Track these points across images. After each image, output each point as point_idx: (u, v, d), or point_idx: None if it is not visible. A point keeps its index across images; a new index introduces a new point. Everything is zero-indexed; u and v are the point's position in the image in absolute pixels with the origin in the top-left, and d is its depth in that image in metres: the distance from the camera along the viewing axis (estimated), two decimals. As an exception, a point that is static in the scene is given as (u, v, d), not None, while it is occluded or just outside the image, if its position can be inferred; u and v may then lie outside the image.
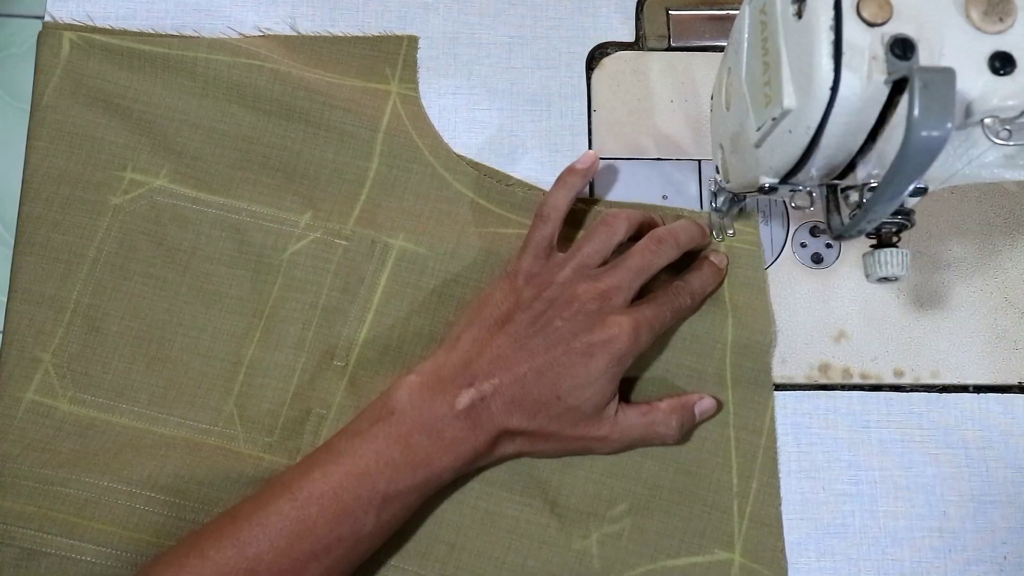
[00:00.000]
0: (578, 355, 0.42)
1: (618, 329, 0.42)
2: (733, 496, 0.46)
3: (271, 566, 0.38)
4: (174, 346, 0.48)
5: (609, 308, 0.43)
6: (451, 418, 0.41)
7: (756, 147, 0.37)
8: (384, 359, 0.48)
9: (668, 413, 0.45)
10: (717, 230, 0.50)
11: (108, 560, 0.43)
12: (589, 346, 0.42)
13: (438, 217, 0.50)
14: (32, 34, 0.51)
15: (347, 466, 0.40)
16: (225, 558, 0.38)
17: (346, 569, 0.41)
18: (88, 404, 0.47)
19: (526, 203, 0.51)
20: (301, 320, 0.48)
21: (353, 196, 0.50)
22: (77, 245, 0.48)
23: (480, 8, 0.54)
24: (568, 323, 0.42)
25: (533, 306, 0.43)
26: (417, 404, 0.41)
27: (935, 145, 0.29)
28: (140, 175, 0.49)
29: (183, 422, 0.47)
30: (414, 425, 0.41)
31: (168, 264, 0.48)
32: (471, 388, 0.41)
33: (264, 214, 0.49)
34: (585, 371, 0.42)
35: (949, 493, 0.47)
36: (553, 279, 0.44)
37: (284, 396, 0.47)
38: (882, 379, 0.49)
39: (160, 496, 0.44)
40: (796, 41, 0.33)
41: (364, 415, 0.42)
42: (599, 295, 0.43)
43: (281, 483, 0.40)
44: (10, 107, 0.54)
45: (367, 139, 0.50)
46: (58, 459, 0.45)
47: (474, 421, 0.41)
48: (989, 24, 0.32)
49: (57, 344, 0.47)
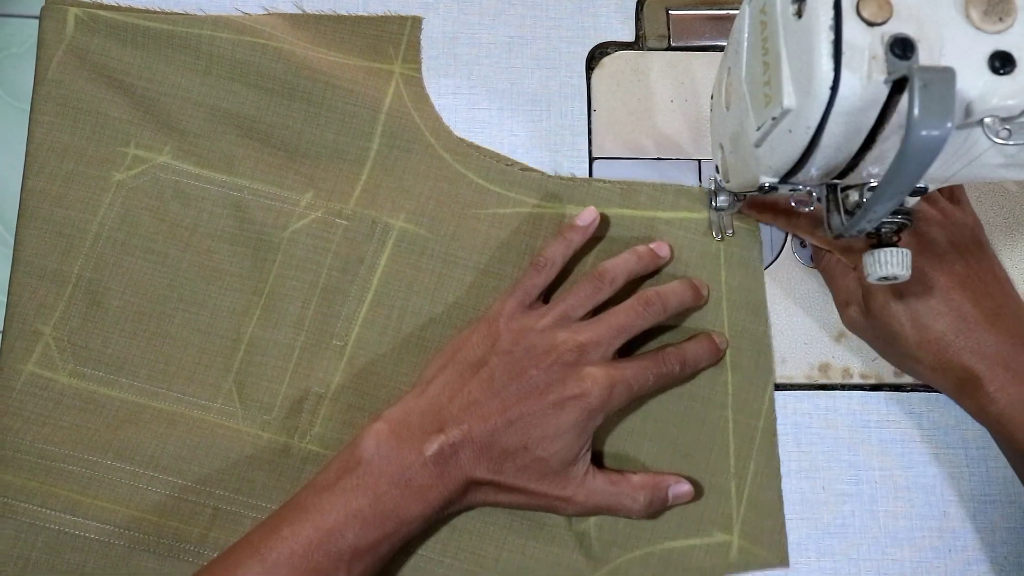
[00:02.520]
0: (550, 406, 0.41)
1: (591, 383, 0.41)
2: (731, 478, 0.46)
3: None
4: (174, 322, 0.48)
5: (586, 361, 0.42)
6: (419, 466, 0.40)
7: (756, 147, 0.37)
8: (383, 339, 0.48)
9: (638, 488, 0.44)
10: (717, 230, 0.50)
11: (111, 537, 0.44)
12: (561, 399, 0.41)
13: (438, 198, 0.50)
14: (32, 34, 0.51)
15: (315, 522, 0.39)
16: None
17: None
18: (88, 378, 0.47)
19: (526, 183, 0.51)
20: (301, 299, 0.48)
21: (354, 176, 0.50)
22: (80, 220, 0.49)
23: (480, 8, 0.54)
24: (543, 373, 0.42)
25: (510, 352, 0.43)
26: (385, 453, 0.40)
27: (935, 145, 0.29)
28: (143, 151, 0.50)
29: (182, 397, 0.47)
30: (382, 475, 0.40)
31: (170, 240, 0.49)
32: (440, 435, 0.41)
33: (266, 192, 0.49)
34: (555, 423, 0.41)
35: (949, 493, 0.47)
36: (533, 326, 0.44)
37: (283, 375, 0.47)
38: (882, 379, 0.49)
39: (161, 476, 0.45)
40: (796, 41, 0.33)
41: (332, 465, 0.41)
42: (577, 347, 0.42)
43: (249, 545, 0.39)
44: (10, 107, 0.53)
45: (369, 119, 0.51)
46: (59, 434, 0.45)
47: (442, 469, 0.41)
48: (989, 24, 0.32)
49: (58, 318, 0.47)
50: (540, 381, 0.42)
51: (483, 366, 0.43)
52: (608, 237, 0.50)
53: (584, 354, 0.42)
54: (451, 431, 0.41)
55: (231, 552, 0.40)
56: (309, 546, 0.39)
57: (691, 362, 0.46)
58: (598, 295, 0.45)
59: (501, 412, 0.41)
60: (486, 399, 0.42)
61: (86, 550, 0.44)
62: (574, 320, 0.44)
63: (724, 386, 0.48)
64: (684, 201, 0.51)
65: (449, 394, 0.42)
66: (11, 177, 0.51)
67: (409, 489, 0.40)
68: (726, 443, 0.47)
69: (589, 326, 0.44)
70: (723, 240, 0.50)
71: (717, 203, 0.47)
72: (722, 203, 0.47)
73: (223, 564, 0.39)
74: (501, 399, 0.42)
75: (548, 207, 0.50)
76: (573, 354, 0.42)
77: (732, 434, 0.47)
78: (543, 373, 0.42)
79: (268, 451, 0.46)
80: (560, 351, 0.42)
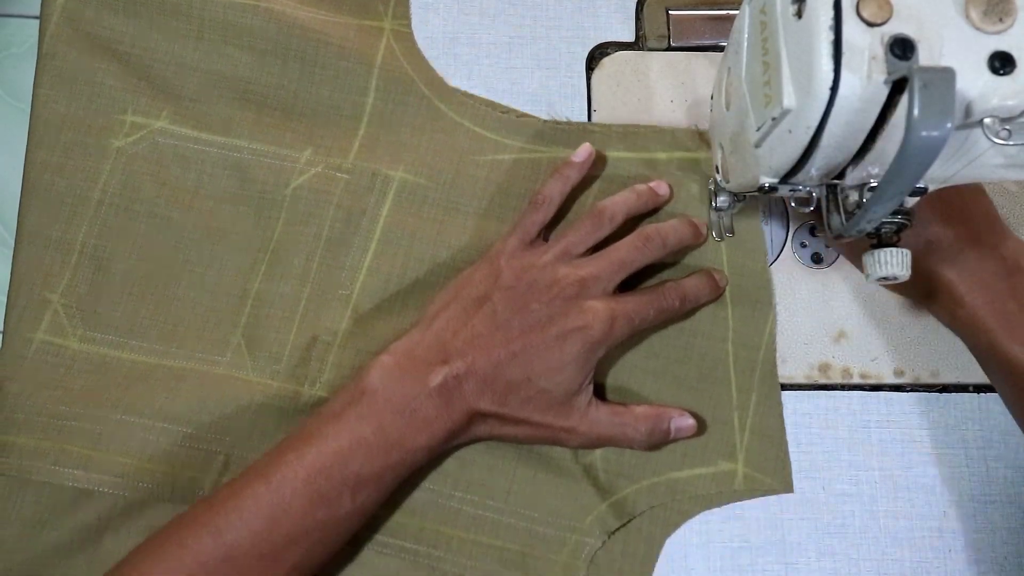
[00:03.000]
0: (552, 339, 0.42)
1: (592, 316, 0.42)
2: (733, 409, 0.47)
3: (249, 551, 0.39)
4: (181, 283, 0.49)
5: (587, 295, 0.43)
6: (424, 396, 0.41)
7: (756, 147, 0.37)
8: (388, 287, 0.48)
9: (640, 419, 0.45)
10: (716, 230, 0.50)
11: (125, 491, 0.45)
12: (563, 331, 0.42)
13: (436, 148, 0.51)
14: (32, 34, 0.51)
15: (320, 448, 0.40)
16: (202, 545, 0.39)
17: (324, 553, 0.41)
18: (98, 342, 0.47)
19: (522, 129, 0.51)
20: (305, 252, 0.49)
21: (352, 131, 0.51)
22: (81, 188, 0.49)
23: (480, 8, 0.54)
24: (545, 307, 0.43)
25: (512, 288, 0.43)
26: (389, 384, 0.41)
27: (935, 145, 0.29)
28: (141, 118, 0.50)
29: (192, 355, 0.48)
30: (386, 405, 0.41)
31: (172, 203, 0.49)
32: (444, 366, 0.42)
33: (265, 151, 0.50)
34: (559, 355, 0.42)
35: (949, 493, 0.47)
36: (534, 263, 0.44)
37: (290, 325, 0.48)
38: (882, 379, 0.49)
39: (173, 427, 0.45)
40: (796, 41, 0.33)
41: (338, 397, 0.42)
42: (578, 281, 0.43)
43: (255, 469, 0.41)
44: (10, 107, 0.54)
45: (362, 75, 0.51)
46: (71, 395, 0.46)
47: (447, 400, 0.41)
48: (989, 24, 0.32)
49: (65, 285, 0.48)
50: (542, 314, 0.42)
51: (486, 301, 0.43)
52: (606, 177, 0.51)
53: (585, 288, 0.43)
54: (455, 363, 0.42)
55: (239, 476, 0.41)
56: (313, 471, 0.40)
57: (691, 297, 0.47)
58: (598, 232, 0.46)
59: (504, 345, 0.42)
60: (489, 332, 0.42)
61: (98, 505, 0.45)
62: (575, 256, 0.45)
63: (724, 320, 0.48)
64: (682, 140, 0.51)
65: (453, 328, 0.43)
66: (11, 177, 0.51)
67: (414, 419, 0.41)
68: (727, 376, 0.48)
69: (590, 261, 0.44)
70: (722, 241, 0.50)
71: (717, 203, 0.47)
72: (722, 203, 0.47)
73: (229, 488, 0.40)
74: (504, 332, 0.42)
75: (545, 151, 0.51)
76: (574, 288, 0.43)
77: (733, 367, 0.48)
78: (545, 307, 0.42)
79: (278, 399, 0.46)
80: (561, 285, 0.43)
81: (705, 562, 0.46)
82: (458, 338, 0.42)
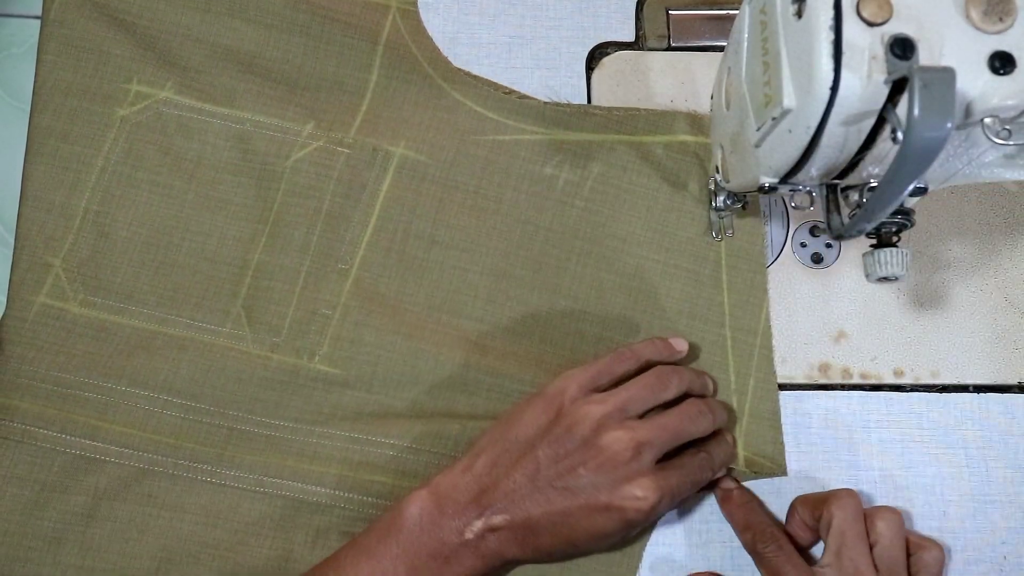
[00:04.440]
0: (597, 512, 0.40)
1: (643, 495, 0.40)
2: (732, 394, 0.48)
3: None
4: (181, 251, 0.49)
5: (638, 465, 0.40)
6: (458, 545, 0.40)
7: (756, 147, 0.37)
8: (387, 261, 0.49)
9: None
10: (717, 230, 0.50)
11: (131, 460, 0.45)
12: (608, 505, 0.40)
13: (438, 126, 0.51)
14: (32, 34, 0.52)
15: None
16: None
17: None
18: (98, 307, 0.48)
19: (524, 111, 0.52)
20: (305, 225, 0.49)
21: (354, 107, 0.51)
22: (85, 155, 0.50)
23: (480, 8, 0.54)
24: (593, 475, 0.40)
25: (562, 442, 0.41)
26: (427, 526, 0.40)
27: (935, 145, 0.29)
28: (146, 87, 0.51)
29: (192, 323, 0.48)
30: (420, 547, 0.40)
31: (174, 172, 0.50)
32: (480, 520, 0.40)
33: (267, 124, 0.50)
34: (601, 527, 0.40)
35: (949, 493, 0.47)
36: (588, 414, 0.41)
37: (290, 298, 0.48)
38: (882, 379, 0.49)
39: (175, 399, 0.46)
40: (796, 41, 0.33)
41: (373, 529, 0.41)
42: (634, 447, 0.40)
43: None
44: (10, 107, 0.54)
45: (367, 51, 0.52)
46: (73, 362, 0.46)
47: (482, 552, 0.40)
48: (989, 24, 0.32)
49: (67, 250, 0.48)
50: (588, 483, 0.40)
51: (531, 451, 0.41)
52: (608, 163, 0.51)
53: (638, 455, 0.40)
54: (491, 517, 0.40)
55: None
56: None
57: (719, 467, 0.45)
58: (662, 395, 0.43)
59: (545, 508, 0.40)
60: (530, 492, 0.40)
61: (100, 473, 0.45)
62: (631, 415, 0.42)
63: (721, 306, 0.49)
64: (681, 125, 0.51)
65: (494, 477, 0.41)
66: (11, 177, 0.51)
67: (447, 565, 0.40)
68: (726, 360, 0.48)
69: (646, 425, 0.41)
70: (722, 240, 0.50)
71: (717, 203, 0.47)
72: (722, 203, 0.47)
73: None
74: (545, 496, 0.40)
75: (546, 133, 0.51)
76: (628, 454, 0.40)
77: (731, 351, 0.48)
78: (592, 475, 0.40)
79: (278, 372, 0.47)
80: (615, 450, 0.40)
81: (705, 562, 0.46)
82: (498, 489, 0.41)
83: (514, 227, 0.50)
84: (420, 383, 0.47)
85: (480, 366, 0.47)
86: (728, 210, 0.48)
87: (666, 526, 0.47)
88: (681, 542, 0.46)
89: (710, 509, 0.47)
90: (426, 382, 0.47)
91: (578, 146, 0.51)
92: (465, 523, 0.40)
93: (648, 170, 0.50)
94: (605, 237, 0.49)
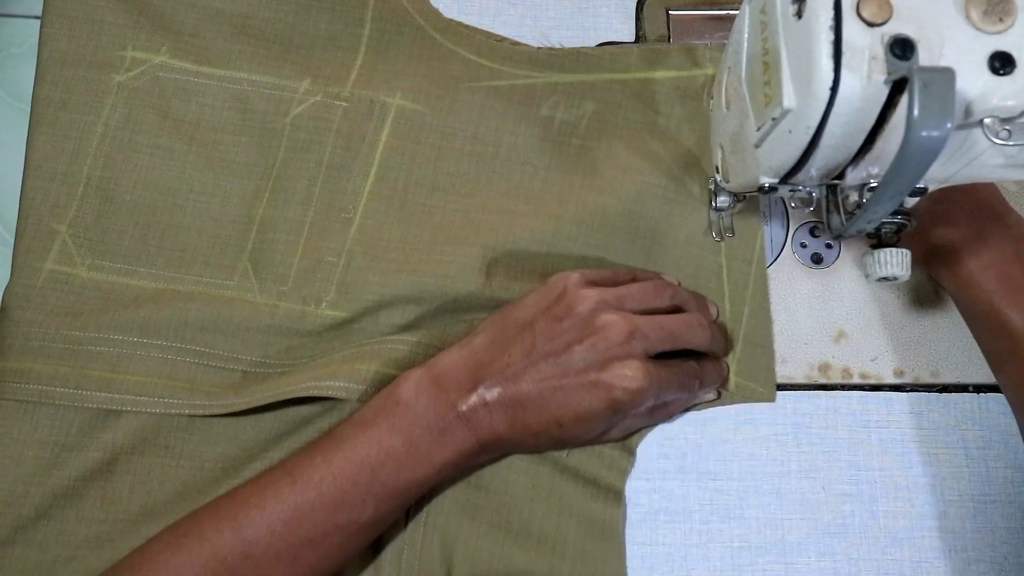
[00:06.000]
0: (585, 389, 0.41)
1: (632, 375, 0.41)
2: (727, 321, 0.49)
3: (267, 549, 0.39)
4: (186, 211, 0.49)
5: (630, 349, 0.42)
6: (453, 418, 0.41)
7: (756, 147, 0.37)
8: (390, 209, 0.49)
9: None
10: (717, 230, 0.50)
11: (147, 407, 0.46)
12: (596, 382, 0.41)
13: (432, 76, 0.52)
14: (32, 34, 0.52)
15: (347, 452, 0.40)
16: (222, 540, 0.39)
17: (340, 558, 0.41)
18: (107, 270, 0.48)
19: (516, 56, 0.52)
20: (307, 177, 0.50)
21: (349, 61, 0.52)
22: (85, 122, 0.50)
23: (480, 8, 0.54)
24: (586, 352, 0.41)
25: (559, 319, 0.42)
26: (422, 400, 0.41)
27: (935, 145, 0.29)
28: (141, 53, 0.51)
29: (200, 279, 0.49)
30: (417, 420, 0.41)
31: (174, 135, 0.50)
32: (474, 394, 0.41)
33: (264, 83, 0.51)
34: (586, 405, 0.42)
35: (949, 493, 0.47)
36: (587, 296, 0.43)
37: (295, 248, 0.49)
38: (882, 379, 0.49)
39: (187, 346, 0.47)
40: (796, 41, 0.33)
41: (370, 405, 0.42)
42: (628, 332, 0.42)
43: (283, 467, 0.41)
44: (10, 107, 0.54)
45: (358, 6, 0.53)
46: (82, 320, 0.47)
47: (474, 426, 0.41)
48: (989, 24, 0.32)
49: (72, 216, 0.49)
50: (579, 360, 0.41)
51: (529, 328, 0.43)
52: (603, 101, 0.51)
53: (630, 342, 0.42)
54: (484, 391, 0.41)
55: (265, 473, 0.41)
56: (340, 476, 0.40)
57: (707, 384, 0.46)
58: (658, 298, 0.45)
59: (536, 384, 0.42)
60: (523, 367, 0.42)
61: (117, 428, 0.46)
62: (627, 309, 0.43)
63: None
64: (675, 60, 0.52)
65: (491, 353, 0.42)
66: (11, 177, 0.51)
67: (443, 437, 0.41)
68: (722, 288, 0.49)
69: (643, 318, 0.43)
70: (722, 241, 0.50)
71: (717, 203, 0.48)
72: (722, 203, 0.47)
73: (255, 484, 0.41)
74: (538, 370, 0.42)
75: (539, 76, 0.52)
76: (621, 337, 0.42)
77: (726, 280, 0.49)
78: (585, 352, 0.41)
79: (286, 319, 0.47)
80: (608, 332, 0.42)
81: (705, 562, 0.46)
82: (493, 364, 0.42)
83: (514, 169, 0.51)
84: (425, 307, 0.48)
85: (485, 291, 0.47)
86: (728, 210, 0.48)
87: (666, 525, 0.47)
88: (681, 542, 0.46)
89: (710, 509, 0.47)
90: (432, 306, 0.48)
91: (572, 87, 0.52)
92: (460, 396, 0.41)
93: (642, 106, 0.51)
94: (606, 169, 0.50)
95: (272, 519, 0.39)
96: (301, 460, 0.41)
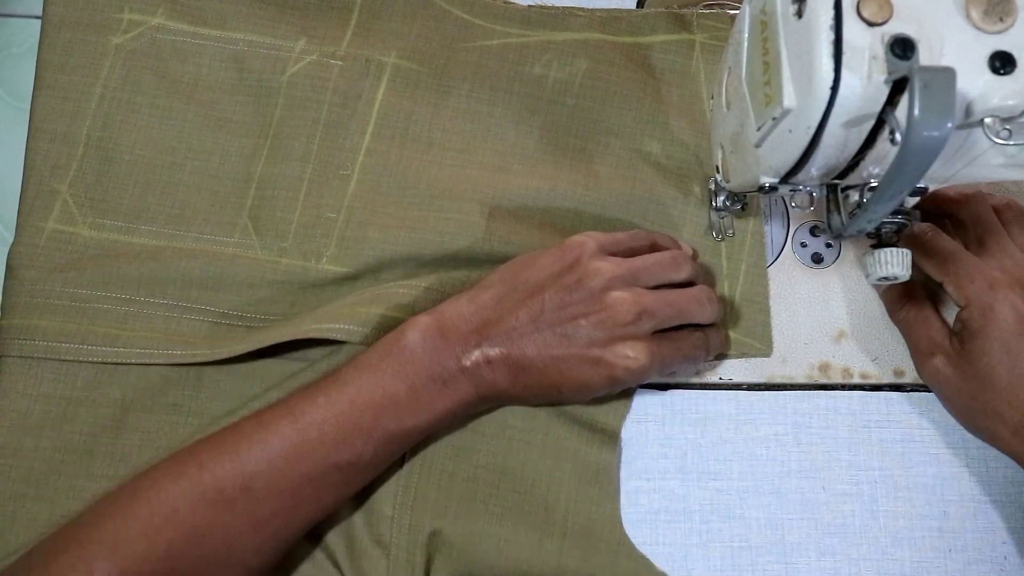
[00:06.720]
0: (586, 361, 0.42)
1: (634, 355, 0.42)
2: (724, 278, 0.49)
3: (267, 484, 0.39)
4: (185, 170, 0.50)
5: (636, 329, 0.42)
6: (456, 371, 0.42)
7: (756, 147, 0.37)
8: (387, 164, 0.50)
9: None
10: (717, 230, 0.50)
11: (153, 359, 0.46)
12: (599, 359, 0.42)
13: (427, 35, 0.52)
14: (32, 34, 0.52)
15: (351, 395, 0.41)
16: (223, 471, 0.39)
17: (336, 498, 0.42)
18: (108, 228, 0.49)
19: (508, 15, 0.53)
20: (305, 135, 0.50)
21: (344, 21, 0.53)
22: (83, 84, 0.50)
23: (480, 8, 0.54)
24: (592, 328, 0.42)
25: (570, 291, 0.42)
26: (427, 349, 0.41)
27: (935, 145, 0.29)
28: (137, 15, 0.52)
29: (200, 236, 0.49)
30: (421, 368, 0.41)
31: (172, 95, 0.51)
32: (478, 350, 0.42)
33: (260, 43, 0.52)
34: (588, 378, 0.42)
35: (949, 493, 0.47)
36: (601, 269, 0.43)
37: (294, 204, 0.49)
38: (882, 379, 0.49)
39: (193, 304, 0.47)
40: (796, 41, 0.33)
41: (375, 348, 0.42)
42: (637, 312, 0.42)
43: (285, 405, 0.41)
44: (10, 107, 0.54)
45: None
46: (86, 277, 0.47)
47: (477, 380, 0.42)
48: (989, 24, 0.32)
49: (73, 176, 0.49)
50: (585, 335, 0.42)
51: (539, 293, 0.42)
52: (595, 59, 0.52)
53: (638, 321, 0.42)
54: (490, 350, 0.42)
55: (267, 409, 0.41)
56: (342, 415, 0.40)
57: (712, 352, 0.47)
58: (674, 273, 0.44)
59: (541, 351, 0.42)
60: (529, 332, 0.42)
61: (124, 384, 0.46)
62: (641, 284, 0.43)
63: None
64: (665, 24, 0.52)
65: (499, 312, 0.42)
66: (11, 177, 0.51)
67: (445, 387, 0.42)
68: (718, 246, 0.50)
69: (653, 295, 0.43)
70: (723, 240, 0.50)
71: (717, 203, 0.48)
72: (722, 203, 0.47)
73: (256, 419, 0.41)
74: (544, 338, 0.42)
75: (532, 35, 0.52)
76: (629, 315, 0.42)
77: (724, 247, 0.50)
78: (592, 328, 0.42)
79: (287, 274, 0.48)
80: (617, 310, 0.42)
81: (705, 562, 0.46)
82: (500, 324, 0.42)
83: (508, 128, 0.51)
84: (427, 263, 0.48)
85: (484, 245, 0.48)
86: (728, 210, 0.48)
87: (666, 525, 0.47)
88: (681, 542, 0.46)
89: (710, 509, 0.47)
90: (432, 261, 0.48)
91: (565, 45, 0.52)
92: (464, 350, 0.42)
93: (633, 66, 0.52)
94: (598, 134, 0.51)
95: (272, 455, 0.39)
96: (304, 400, 0.41)
